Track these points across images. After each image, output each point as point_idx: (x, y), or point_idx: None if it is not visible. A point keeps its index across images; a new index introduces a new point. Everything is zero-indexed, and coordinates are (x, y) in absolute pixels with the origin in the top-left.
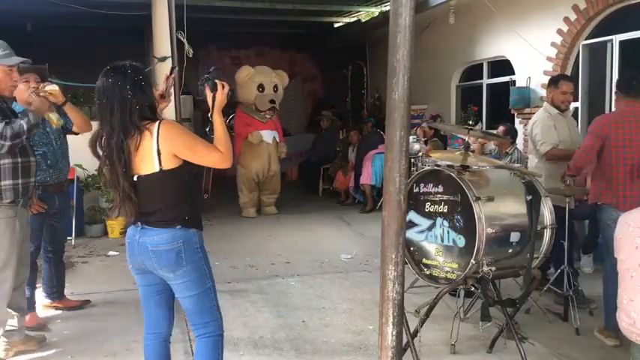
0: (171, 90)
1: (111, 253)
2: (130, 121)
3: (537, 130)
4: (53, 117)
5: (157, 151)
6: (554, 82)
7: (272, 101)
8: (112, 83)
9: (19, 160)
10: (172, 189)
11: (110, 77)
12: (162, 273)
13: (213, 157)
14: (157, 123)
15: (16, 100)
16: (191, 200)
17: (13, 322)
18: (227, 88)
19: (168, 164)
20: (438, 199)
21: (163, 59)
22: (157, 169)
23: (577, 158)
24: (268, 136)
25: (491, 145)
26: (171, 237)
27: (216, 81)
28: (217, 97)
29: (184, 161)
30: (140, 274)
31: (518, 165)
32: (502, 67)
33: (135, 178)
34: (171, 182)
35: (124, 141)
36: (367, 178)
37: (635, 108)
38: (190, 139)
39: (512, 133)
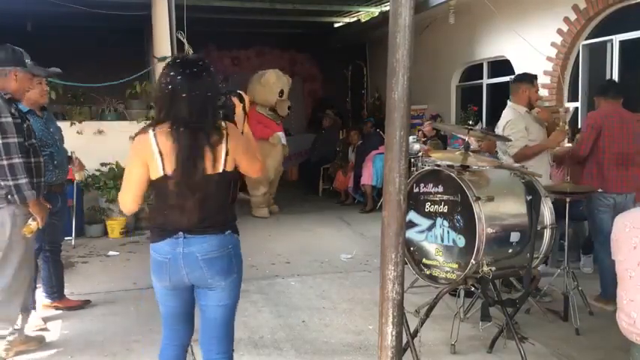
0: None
1: (111, 253)
2: (214, 118)
3: (508, 131)
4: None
5: (226, 151)
6: (529, 79)
7: (289, 107)
8: (201, 78)
9: (32, 160)
10: (226, 193)
11: (197, 71)
12: (213, 282)
13: (257, 165)
14: (224, 123)
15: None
16: (234, 206)
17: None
18: (247, 97)
19: (229, 166)
20: (438, 199)
21: (163, 59)
22: (220, 169)
23: (578, 149)
24: (283, 137)
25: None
26: (222, 243)
27: (239, 92)
28: (245, 107)
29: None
30: (175, 292)
31: (518, 165)
32: (502, 67)
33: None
34: (227, 186)
35: (208, 138)
36: (368, 178)
37: (615, 106)
38: (247, 145)
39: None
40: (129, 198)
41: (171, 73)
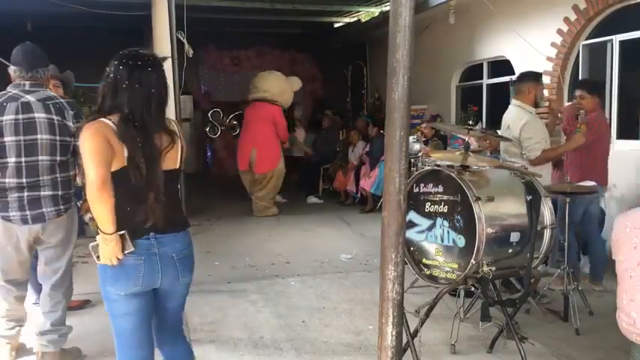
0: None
1: None
2: (165, 116)
3: (528, 133)
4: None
5: (181, 147)
6: (535, 78)
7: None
8: (156, 74)
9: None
10: (177, 189)
11: (153, 67)
12: (182, 280)
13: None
14: (172, 121)
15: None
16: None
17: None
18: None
19: (181, 163)
20: (438, 199)
21: (163, 59)
22: (177, 165)
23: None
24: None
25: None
26: (188, 240)
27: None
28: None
29: None
30: (141, 296)
31: (519, 165)
32: (502, 67)
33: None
34: (178, 182)
35: (163, 134)
36: (371, 183)
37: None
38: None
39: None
40: (100, 170)
41: (117, 64)
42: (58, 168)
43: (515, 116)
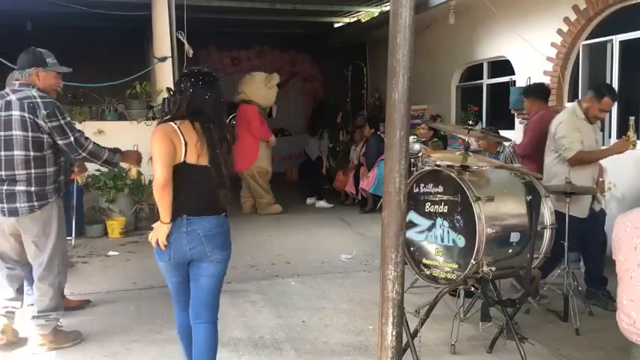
0: None
1: (111, 253)
2: (226, 119)
3: (562, 132)
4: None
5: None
6: (598, 94)
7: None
8: (218, 87)
9: (66, 159)
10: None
11: (216, 82)
12: (211, 256)
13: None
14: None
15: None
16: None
17: (16, 305)
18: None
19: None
20: (438, 199)
21: (163, 59)
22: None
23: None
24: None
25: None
26: (218, 222)
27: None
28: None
29: None
30: (178, 267)
31: (518, 165)
32: (502, 67)
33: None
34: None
35: (227, 134)
36: (368, 184)
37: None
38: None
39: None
40: (164, 171)
41: (192, 79)
42: (33, 163)
43: (558, 116)
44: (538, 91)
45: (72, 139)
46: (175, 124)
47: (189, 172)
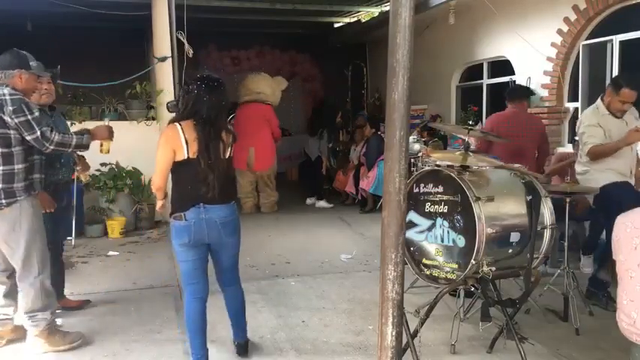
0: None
1: (111, 253)
2: (226, 119)
3: (582, 129)
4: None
5: (231, 143)
6: (615, 87)
7: None
8: (223, 91)
9: (42, 157)
10: (231, 174)
11: (221, 86)
12: (227, 239)
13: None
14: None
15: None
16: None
17: (8, 311)
18: None
19: (232, 153)
20: (438, 199)
21: (163, 59)
22: (227, 156)
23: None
24: None
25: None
26: (231, 210)
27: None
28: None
29: None
30: (196, 247)
31: (518, 165)
32: (502, 67)
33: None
34: (231, 168)
35: (227, 133)
36: (368, 184)
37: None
38: None
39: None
40: (160, 178)
41: (197, 83)
42: (0, 160)
43: (582, 113)
44: (521, 94)
45: (38, 133)
46: (180, 124)
47: (192, 166)
